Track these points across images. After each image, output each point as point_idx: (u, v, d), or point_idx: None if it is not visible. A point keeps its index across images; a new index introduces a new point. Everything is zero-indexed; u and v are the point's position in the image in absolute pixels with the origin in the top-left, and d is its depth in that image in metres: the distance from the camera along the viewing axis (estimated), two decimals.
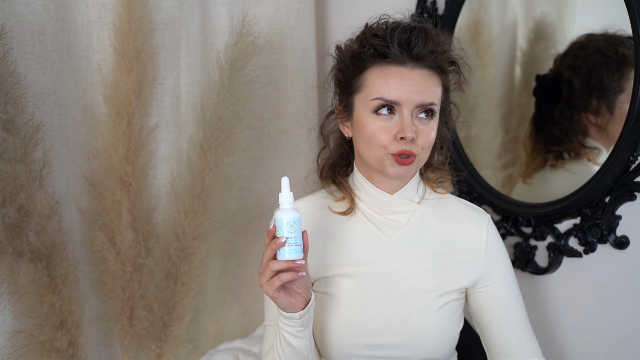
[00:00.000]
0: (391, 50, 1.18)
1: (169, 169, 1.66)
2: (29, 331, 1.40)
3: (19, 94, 1.34)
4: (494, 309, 1.29)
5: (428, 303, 1.25)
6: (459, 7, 1.66)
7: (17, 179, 1.32)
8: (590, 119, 1.49)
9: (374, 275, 1.27)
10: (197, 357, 1.72)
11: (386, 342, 1.24)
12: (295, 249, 1.12)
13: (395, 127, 1.19)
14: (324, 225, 1.31)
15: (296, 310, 1.16)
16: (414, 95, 1.18)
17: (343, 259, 1.28)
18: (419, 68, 1.19)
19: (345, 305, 1.26)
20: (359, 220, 1.30)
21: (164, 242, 1.62)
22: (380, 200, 1.28)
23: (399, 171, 1.21)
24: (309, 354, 1.21)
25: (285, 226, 1.12)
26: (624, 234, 1.39)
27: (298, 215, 1.13)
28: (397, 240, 1.28)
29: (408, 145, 1.19)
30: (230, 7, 1.76)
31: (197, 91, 1.70)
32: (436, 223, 1.30)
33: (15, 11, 1.40)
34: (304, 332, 1.18)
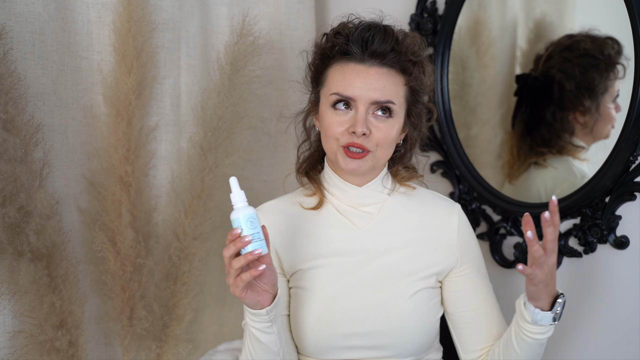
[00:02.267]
0: (350, 48, 1.22)
1: (169, 169, 1.66)
2: (29, 331, 1.40)
3: (19, 94, 1.34)
4: (469, 295, 1.31)
5: (402, 289, 1.27)
6: (459, 7, 1.66)
7: (17, 179, 1.32)
8: (578, 119, 1.51)
9: (348, 264, 1.28)
10: (197, 357, 1.72)
11: (363, 330, 1.25)
12: (259, 244, 1.12)
13: (349, 122, 1.23)
14: (295, 220, 1.33)
15: (263, 307, 1.16)
16: (369, 92, 1.21)
17: (316, 252, 1.30)
18: (377, 66, 1.22)
19: (320, 296, 1.27)
20: (330, 214, 1.32)
21: (164, 242, 1.62)
22: (349, 193, 1.31)
23: (350, 165, 1.24)
24: (279, 349, 1.21)
25: (245, 224, 1.12)
26: (624, 234, 1.39)
27: (254, 212, 1.14)
28: (368, 230, 1.30)
29: (359, 139, 1.22)
30: (230, 7, 1.76)
31: (197, 91, 1.70)
32: (407, 211, 1.33)
33: (15, 11, 1.40)
34: (272, 328, 1.19)
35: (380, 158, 1.26)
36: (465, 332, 1.32)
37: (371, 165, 1.26)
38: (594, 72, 1.47)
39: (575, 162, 1.53)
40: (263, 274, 1.15)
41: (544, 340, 1.21)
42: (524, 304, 1.19)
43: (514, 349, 1.22)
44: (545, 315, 1.17)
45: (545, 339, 1.21)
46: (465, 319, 1.32)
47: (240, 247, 1.11)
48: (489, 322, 1.31)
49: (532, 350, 1.21)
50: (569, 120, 1.52)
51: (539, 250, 1.11)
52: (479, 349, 1.31)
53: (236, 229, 1.12)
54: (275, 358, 1.21)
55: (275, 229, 1.31)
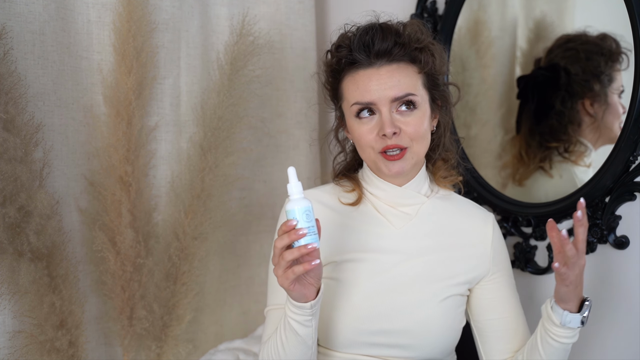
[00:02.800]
0: (355, 56, 1.23)
1: (169, 169, 1.66)
2: (29, 331, 1.40)
3: (19, 94, 1.34)
4: (497, 303, 1.31)
5: (434, 292, 1.27)
6: (459, 7, 1.66)
7: (17, 179, 1.32)
8: (587, 108, 1.50)
9: (382, 263, 1.28)
10: (197, 357, 1.72)
11: (390, 328, 1.25)
12: (313, 237, 1.11)
13: (377, 126, 1.23)
14: (334, 212, 1.32)
15: (308, 300, 1.15)
16: (386, 91, 1.21)
17: (352, 246, 1.30)
18: (386, 65, 1.22)
19: (352, 289, 1.27)
20: (368, 212, 1.32)
21: (164, 242, 1.62)
22: (389, 192, 1.30)
23: (394, 168, 1.24)
24: (313, 344, 1.21)
25: (302, 216, 1.10)
26: (624, 234, 1.39)
27: (311, 204, 1.12)
28: (405, 231, 1.30)
29: (392, 140, 1.22)
30: (230, 7, 1.76)
31: (197, 91, 1.70)
32: (444, 216, 1.33)
33: (15, 11, 1.40)
34: (312, 322, 1.18)
35: (419, 152, 1.26)
36: (491, 340, 1.32)
37: (413, 162, 1.26)
38: (599, 56, 1.46)
39: (578, 170, 1.52)
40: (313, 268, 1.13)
41: (569, 346, 1.21)
42: (551, 307, 1.19)
43: (539, 353, 1.22)
44: (574, 318, 1.17)
45: (571, 344, 1.21)
46: (492, 327, 1.32)
47: (294, 240, 1.09)
48: (515, 333, 1.31)
49: (557, 355, 1.21)
50: (578, 109, 1.51)
51: (572, 249, 1.11)
52: (503, 359, 1.31)
53: (291, 221, 1.11)
54: (307, 352, 1.21)
55: None
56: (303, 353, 1.20)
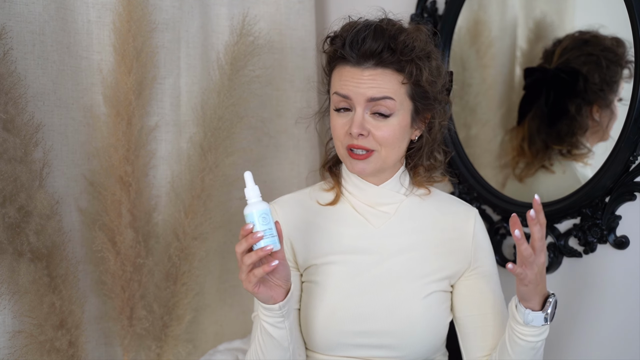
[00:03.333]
0: (345, 52, 1.22)
1: (169, 169, 1.66)
2: (29, 331, 1.40)
3: (19, 94, 1.34)
4: (477, 298, 1.30)
5: (416, 289, 1.27)
6: (459, 7, 1.66)
7: (17, 179, 1.32)
8: (594, 115, 1.48)
9: (362, 262, 1.28)
10: (197, 357, 1.72)
11: (373, 329, 1.25)
12: (271, 240, 1.12)
13: (349, 123, 1.23)
14: (312, 214, 1.33)
15: (276, 302, 1.16)
16: (365, 90, 1.21)
17: (331, 248, 1.30)
18: (372, 68, 1.21)
19: (333, 291, 1.27)
20: (347, 211, 1.32)
21: (164, 242, 1.62)
22: (367, 191, 1.30)
23: (356, 167, 1.25)
24: (289, 344, 1.21)
25: (257, 219, 1.12)
26: (624, 234, 1.39)
27: (268, 207, 1.14)
28: (385, 230, 1.30)
29: (359, 140, 1.22)
30: (230, 7, 1.76)
31: (197, 91, 1.70)
32: (424, 213, 1.32)
33: (15, 11, 1.40)
34: (285, 323, 1.18)
35: (387, 157, 1.25)
36: (470, 337, 1.31)
37: (378, 165, 1.25)
38: (617, 66, 1.45)
39: (579, 166, 1.52)
40: (276, 270, 1.14)
41: (538, 344, 1.19)
42: (515, 306, 1.18)
43: (507, 353, 1.21)
44: (537, 316, 1.16)
45: (540, 342, 1.19)
46: (472, 324, 1.31)
47: (252, 243, 1.10)
48: (495, 330, 1.30)
49: (525, 354, 1.19)
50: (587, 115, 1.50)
51: (527, 249, 1.10)
52: (483, 356, 1.30)
53: (248, 224, 1.12)
54: (284, 354, 1.21)
55: (291, 222, 1.32)
56: (281, 356, 1.21)
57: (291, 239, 1.32)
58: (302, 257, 1.31)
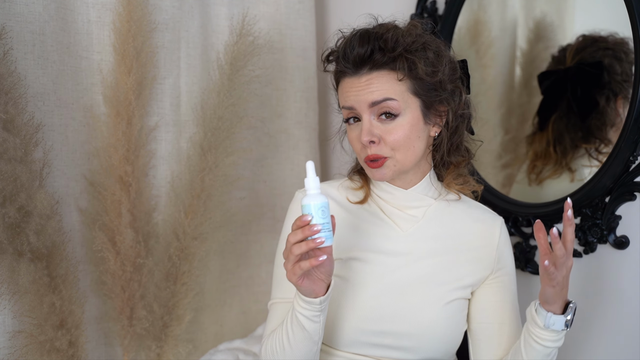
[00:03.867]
0: (340, 65, 1.23)
1: (169, 169, 1.66)
2: (29, 331, 1.40)
3: (19, 94, 1.34)
4: (496, 307, 1.30)
5: (438, 295, 1.26)
6: (459, 7, 1.66)
7: (17, 179, 1.32)
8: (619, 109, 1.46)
9: (388, 264, 1.28)
10: (197, 357, 1.72)
11: (394, 330, 1.25)
12: (328, 234, 1.09)
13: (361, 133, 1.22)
14: (341, 208, 1.32)
15: (317, 296, 1.15)
16: (365, 96, 1.20)
17: (358, 244, 1.29)
18: (367, 73, 1.21)
19: (359, 289, 1.26)
20: (375, 213, 1.31)
21: (164, 242, 1.62)
22: (395, 195, 1.30)
23: (375, 175, 1.24)
24: (319, 340, 1.20)
25: (317, 212, 1.09)
26: (624, 234, 1.39)
27: (327, 200, 1.11)
28: (412, 233, 1.29)
29: (372, 149, 1.21)
30: (230, 7, 1.76)
31: (197, 91, 1.70)
32: (451, 219, 1.31)
33: (15, 11, 1.40)
34: (320, 317, 1.17)
35: (403, 161, 1.23)
36: (483, 344, 1.30)
37: (396, 170, 1.23)
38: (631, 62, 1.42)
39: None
40: (323, 264, 1.12)
41: (553, 352, 1.19)
42: (535, 310, 1.18)
43: (521, 356, 1.21)
44: (558, 320, 1.16)
45: (554, 350, 1.19)
46: (487, 332, 1.30)
47: (308, 236, 1.08)
48: (508, 340, 1.29)
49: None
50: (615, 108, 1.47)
51: (561, 249, 1.10)
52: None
53: (306, 216, 1.09)
54: (313, 347, 1.20)
55: None
56: (309, 349, 1.20)
57: None
58: None
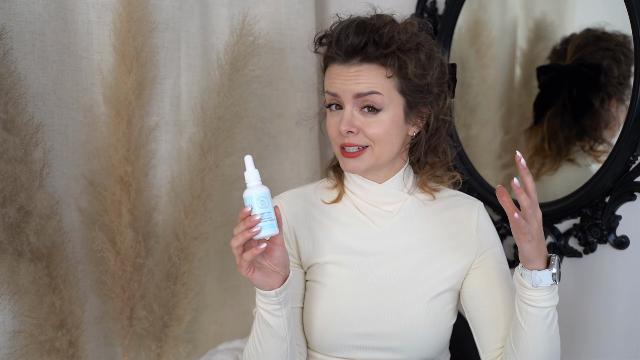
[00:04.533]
0: (332, 50, 1.22)
1: (169, 169, 1.66)
2: (29, 331, 1.40)
3: (19, 94, 1.34)
4: (486, 288, 1.27)
5: (421, 292, 1.25)
6: (459, 7, 1.66)
7: (17, 179, 1.32)
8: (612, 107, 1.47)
9: (366, 264, 1.27)
10: (197, 357, 1.72)
11: (377, 331, 1.24)
12: (269, 224, 1.10)
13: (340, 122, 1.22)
14: (316, 211, 1.32)
15: (273, 288, 1.15)
16: (351, 86, 1.20)
17: (335, 247, 1.28)
18: (357, 64, 1.20)
19: (336, 292, 1.26)
20: (350, 211, 1.30)
21: (164, 242, 1.62)
22: (369, 190, 1.29)
23: (348, 165, 1.24)
24: (287, 335, 1.19)
25: (256, 202, 1.10)
26: (624, 234, 1.39)
27: (267, 191, 1.12)
28: (388, 230, 1.28)
29: (350, 138, 1.21)
30: (230, 7, 1.76)
31: (197, 91, 1.70)
32: (428, 211, 1.30)
33: (15, 11, 1.40)
34: (282, 311, 1.17)
35: (380, 154, 1.23)
36: (483, 330, 1.27)
37: (371, 162, 1.23)
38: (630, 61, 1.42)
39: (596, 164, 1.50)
40: (273, 255, 1.13)
41: (551, 313, 1.16)
42: (520, 274, 1.15)
43: (521, 328, 1.17)
44: (544, 275, 1.13)
45: (551, 310, 1.16)
46: (483, 315, 1.27)
47: (249, 226, 1.09)
48: (507, 319, 1.25)
49: (539, 325, 1.16)
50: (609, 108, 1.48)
51: (527, 199, 1.08)
52: (498, 347, 1.26)
53: (246, 207, 1.11)
54: (282, 344, 1.19)
55: (297, 216, 1.30)
56: (278, 346, 1.19)
57: (297, 234, 1.30)
58: (305, 254, 1.30)
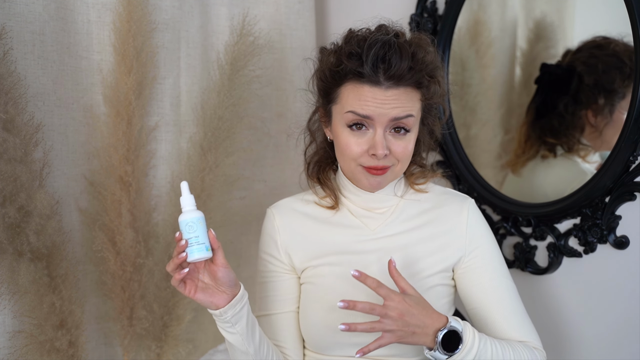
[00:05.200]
0: (365, 71, 1.17)
1: (169, 169, 1.66)
2: (29, 331, 1.40)
3: (19, 94, 1.34)
4: (478, 288, 1.28)
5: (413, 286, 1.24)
6: (459, 7, 1.66)
7: (17, 179, 1.32)
8: (590, 119, 1.50)
9: (359, 262, 1.28)
10: (197, 357, 1.72)
11: None
12: (197, 248, 1.15)
13: (368, 143, 1.21)
14: (308, 218, 1.34)
15: (218, 308, 1.18)
16: (388, 111, 1.18)
17: (328, 250, 1.30)
18: (394, 87, 1.18)
19: (330, 291, 1.27)
20: (343, 215, 1.33)
21: (164, 242, 1.62)
22: (362, 197, 1.31)
23: (374, 181, 1.24)
24: (248, 348, 1.22)
25: (185, 228, 1.16)
26: (624, 234, 1.39)
27: (199, 215, 1.17)
28: (381, 231, 1.30)
29: (382, 161, 1.21)
30: (230, 7, 1.76)
31: (197, 91, 1.70)
32: (419, 211, 1.32)
33: (15, 11, 1.40)
34: (235, 328, 1.20)
35: (399, 172, 1.26)
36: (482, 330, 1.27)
37: (391, 179, 1.27)
38: (617, 73, 1.45)
39: (585, 165, 1.52)
40: (215, 276, 1.18)
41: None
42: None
43: None
44: (434, 354, 1.15)
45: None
46: (477, 316, 1.28)
47: (179, 251, 1.15)
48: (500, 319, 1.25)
49: None
50: (580, 116, 1.51)
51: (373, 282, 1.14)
52: None
53: (178, 233, 1.16)
54: (247, 357, 1.23)
55: (289, 227, 1.34)
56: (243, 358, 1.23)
57: (286, 246, 1.33)
58: (299, 260, 1.32)
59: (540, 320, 1.53)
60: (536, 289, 1.55)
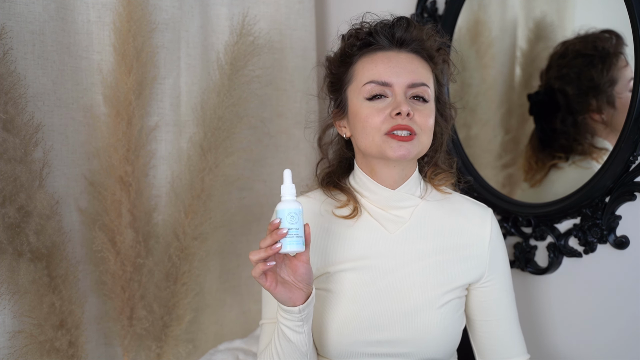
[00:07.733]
0: (376, 38, 1.22)
1: (169, 169, 1.66)
2: (29, 331, 1.40)
3: (19, 94, 1.34)
4: (491, 305, 1.30)
5: (432, 299, 1.25)
6: (459, 7, 1.66)
7: (17, 179, 1.32)
8: (595, 118, 1.49)
9: (377, 270, 1.26)
10: (197, 357, 1.72)
11: (388, 338, 1.24)
12: (296, 240, 1.11)
13: (390, 107, 1.21)
14: (326, 221, 1.30)
15: (295, 305, 1.15)
16: (405, 74, 1.21)
17: (345, 255, 1.28)
18: (406, 52, 1.23)
19: (347, 300, 1.25)
20: (362, 218, 1.30)
21: (164, 242, 1.62)
22: (382, 195, 1.28)
23: (399, 151, 1.20)
24: (307, 350, 1.20)
25: (286, 217, 1.11)
26: (624, 234, 1.39)
27: (300, 207, 1.13)
28: (400, 235, 1.28)
29: (404, 120, 1.19)
30: (230, 7, 1.76)
31: (197, 91, 1.70)
32: (439, 218, 1.30)
33: (15, 11, 1.40)
34: (303, 327, 1.17)
35: (425, 145, 1.24)
36: (484, 340, 1.32)
37: (418, 151, 1.23)
38: (590, 69, 1.46)
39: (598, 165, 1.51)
40: (296, 271, 1.14)
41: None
42: None
43: None
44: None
45: None
46: (486, 328, 1.31)
47: (275, 239, 1.10)
48: (508, 334, 1.30)
49: None
50: (583, 121, 1.50)
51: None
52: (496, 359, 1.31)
53: (276, 219, 1.12)
54: (303, 358, 1.20)
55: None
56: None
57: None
58: (316, 265, 1.28)
59: (540, 321, 1.53)
60: (536, 289, 1.55)
